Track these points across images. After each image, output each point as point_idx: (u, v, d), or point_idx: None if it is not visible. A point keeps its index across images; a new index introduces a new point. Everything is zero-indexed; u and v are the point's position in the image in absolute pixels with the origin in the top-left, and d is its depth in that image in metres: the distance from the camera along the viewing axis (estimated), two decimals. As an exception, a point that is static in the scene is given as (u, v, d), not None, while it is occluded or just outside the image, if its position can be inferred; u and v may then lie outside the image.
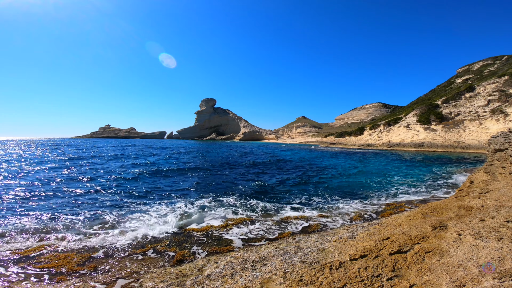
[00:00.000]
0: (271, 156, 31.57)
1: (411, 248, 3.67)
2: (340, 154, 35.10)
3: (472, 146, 36.86)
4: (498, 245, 3.23)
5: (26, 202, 9.11)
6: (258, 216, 7.82)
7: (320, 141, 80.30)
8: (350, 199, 9.87)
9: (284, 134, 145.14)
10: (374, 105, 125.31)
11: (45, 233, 6.32)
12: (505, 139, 8.76)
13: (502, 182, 7.13)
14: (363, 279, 3.03)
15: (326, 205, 8.95)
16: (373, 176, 15.67)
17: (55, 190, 11.09)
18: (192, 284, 3.66)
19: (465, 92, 50.09)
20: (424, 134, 45.59)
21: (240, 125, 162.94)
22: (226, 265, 4.19)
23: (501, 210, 4.62)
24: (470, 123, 42.59)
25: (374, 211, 8.16)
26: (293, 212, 8.13)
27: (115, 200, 9.52)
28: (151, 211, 8.24)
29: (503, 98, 41.96)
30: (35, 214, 7.75)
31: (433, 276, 2.88)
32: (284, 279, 3.38)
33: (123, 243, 5.76)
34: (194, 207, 8.71)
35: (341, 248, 4.28)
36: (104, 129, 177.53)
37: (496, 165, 8.53)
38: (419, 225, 4.64)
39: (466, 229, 3.98)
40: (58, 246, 5.51)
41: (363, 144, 53.18)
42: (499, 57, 74.81)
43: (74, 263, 4.78)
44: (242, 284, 3.44)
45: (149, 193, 10.74)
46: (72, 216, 7.62)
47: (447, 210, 5.38)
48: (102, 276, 4.32)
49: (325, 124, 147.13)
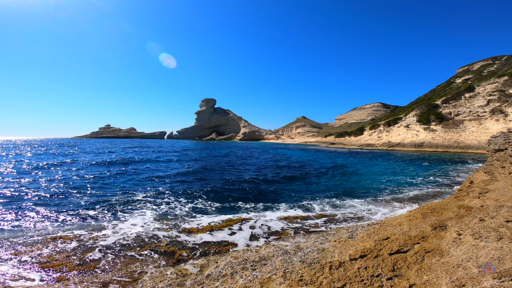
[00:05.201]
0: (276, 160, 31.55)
1: (411, 248, 3.68)
2: (339, 154, 35.11)
3: (472, 146, 36.88)
4: (497, 245, 3.23)
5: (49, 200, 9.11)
6: (258, 215, 7.82)
7: (320, 141, 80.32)
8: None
9: (284, 134, 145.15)
10: (374, 105, 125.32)
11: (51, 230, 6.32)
12: (504, 139, 8.76)
13: (502, 182, 7.14)
14: (363, 279, 3.03)
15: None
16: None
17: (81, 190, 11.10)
18: (192, 284, 3.66)
19: (465, 92, 50.13)
20: (424, 134, 45.61)
21: (240, 125, 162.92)
22: (226, 265, 4.19)
23: (500, 210, 4.63)
24: (470, 123, 42.61)
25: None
26: (291, 211, 8.13)
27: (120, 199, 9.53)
28: (150, 211, 8.24)
29: (502, 98, 41.98)
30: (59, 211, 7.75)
31: (433, 276, 2.88)
32: (284, 279, 3.38)
33: (123, 242, 5.76)
34: (194, 207, 8.71)
35: (341, 248, 4.29)
36: (104, 129, 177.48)
37: (496, 165, 8.54)
38: (419, 225, 4.65)
39: (466, 229, 3.99)
40: (59, 246, 5.51)
41: (363, 144, 53.19)
42: (499, 57, 74.84)
43: (74, 263, 4.78)
44: (242, 284, 3.44)
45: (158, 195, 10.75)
46: (71, 215, 7.63)
47: (446, 210, 5.38)
48: (102, 276, 4.32)
49: (325, 124, 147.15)
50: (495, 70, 64.62)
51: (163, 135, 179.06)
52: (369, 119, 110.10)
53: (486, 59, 78.37)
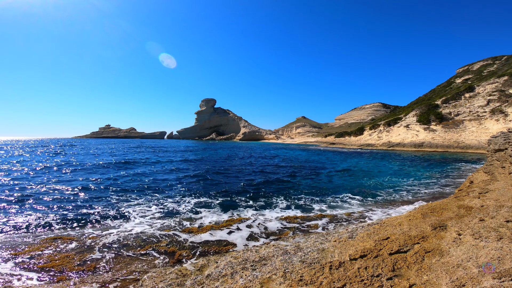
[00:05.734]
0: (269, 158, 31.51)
1: (411, 248, 3.68)
2: (339, 154, 35.11)
3: (471, 146, 36.89)
4: (497, 245, 3.23)
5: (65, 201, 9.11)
6: (258, 215, 7.82)
7: (320, 141, 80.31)
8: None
9: (284, 134, 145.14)
10: (374, 105, 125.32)
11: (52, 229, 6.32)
12: (504, 139, 8.77)
13: (502, 182, 7.14)
14: (363, 279, 3.03)
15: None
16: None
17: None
18: (192, 284, 3.66)
19: (465, 92, 50.13)
20: (424, 134, 45.62)
21: (240, 125, 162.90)
22: (226, 265, 4.19)
23: (500, 210, 4.63)
24: (470, 123, 42.61)
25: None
26: (291, 211, 8.13)
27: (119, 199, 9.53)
28: (151, 211, 8.24)
29: (502, 98, 41.98)
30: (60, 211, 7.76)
31: (433, 276, 2.88)
32: (284, 279, 3.38)
33: (123, 242, 5.76)
34: (195, 207, 8.72)
35: (341, 248, 4.29)
36: (104, 129, 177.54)
37: (496, 165, 8.54)
38: (419, 225, 4.65)
39: (466, 229, 3.99)
40: (59, 246, 5.51)
41: (363, 144, 53.19)
42: (498, 57, 74.84)
43: (74, 263, 4.78)
44: (242, 284, 3.44)
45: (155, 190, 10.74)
46: (71, 215, 7.63)
47: (446, 210, 5.38)
48: (102, 276, 4.32)
49: (325, 124, 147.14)
50: (495, 70, 64.61)
51: (163, 135, 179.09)
52: (369, 119, 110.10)
53: (486, 59, 78.37)
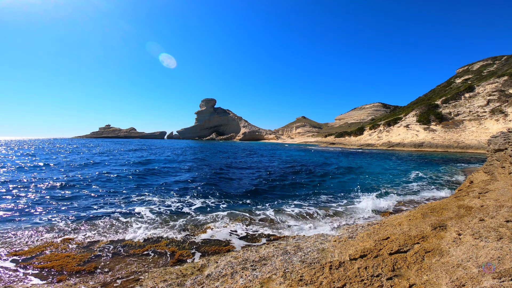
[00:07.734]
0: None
1: (411, 248, 3.68)
2: (339, 154, 35.12)
3: (471, 146, 36.90)
4: (497, 245, 3.24)
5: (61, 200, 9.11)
6: (259, 215, 7.82)
7: (320, 141, 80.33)
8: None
9: (284, 134, 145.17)
10: (374, 105, 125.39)
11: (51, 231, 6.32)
12: (504, 139, 8.77)
13: (502, 182, 7.14)
14: (363, 279, 3.03)
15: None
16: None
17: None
18: (192, 284, 3.66)
19: (465, 92, 50.14)
20: (423, 134, 45.62)
21: (240, 125, 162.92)
22: (226, 265, 4.19)
23: (500, 210, 4.63)
24: (470, 123, 42.62)
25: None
26: (291, 211, 8.13)
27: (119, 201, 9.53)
28: (151, 211, 8.24)
29: (502, 98, 41.99)
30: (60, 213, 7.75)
31: (433, 276, 2.88)
32: (284, 279, 3.39)
33: (123, 243, 5.76)
34: (195, 207, 8.72)
35: (341, 248, 4.29)
36: (104, 129, 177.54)
37: (496, 165, 8.54)
38: (418, 225, 4.65)
39: (466, 229, 3.99)
40: (59, 246, 5.52)
41: (363, 144, 53.20)
42: (498, 57, 74.88)
43: (74, 263, 4.78)
44: (242, 284, 3.44)
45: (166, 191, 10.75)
46: (71, 215, 7.63)
47: (446, 210, 5.38)
48: (102, 276, 4.32)
49: (325, 124, 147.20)
50: (495, 70, 64.64)
51: (163, 135, 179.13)
52: (369, 119, 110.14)
53: (486, 59, 78.40)
